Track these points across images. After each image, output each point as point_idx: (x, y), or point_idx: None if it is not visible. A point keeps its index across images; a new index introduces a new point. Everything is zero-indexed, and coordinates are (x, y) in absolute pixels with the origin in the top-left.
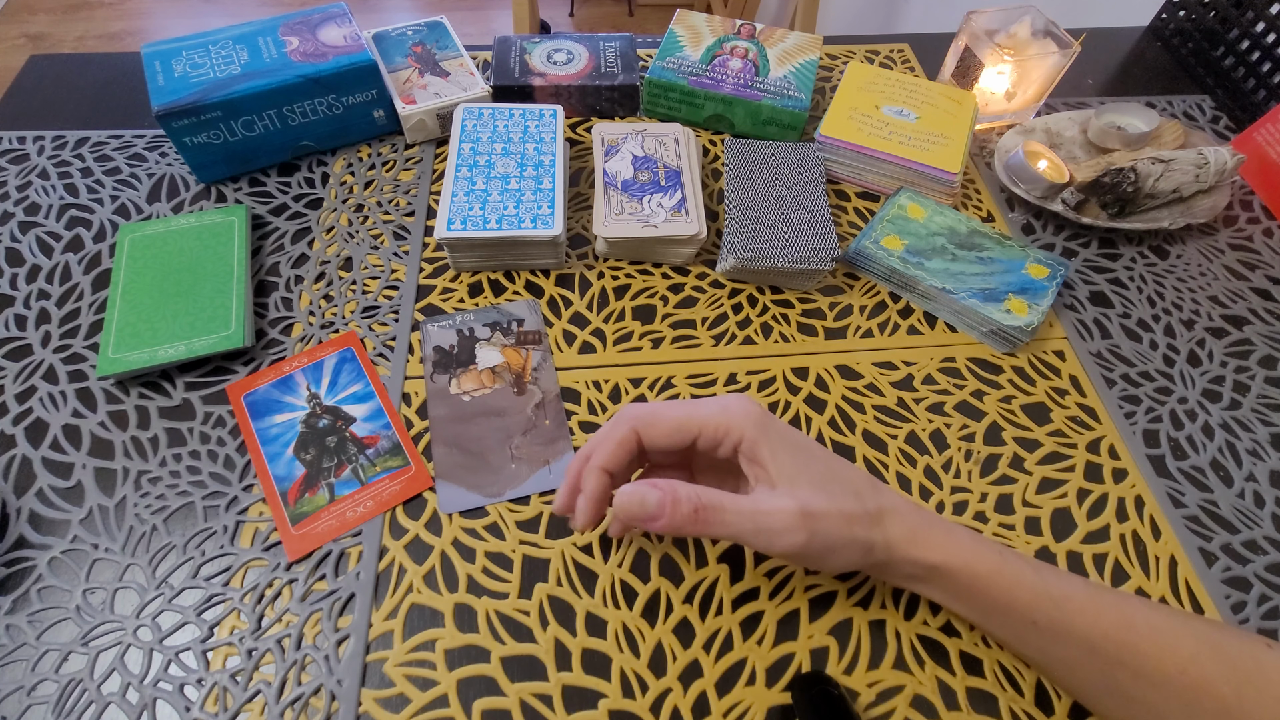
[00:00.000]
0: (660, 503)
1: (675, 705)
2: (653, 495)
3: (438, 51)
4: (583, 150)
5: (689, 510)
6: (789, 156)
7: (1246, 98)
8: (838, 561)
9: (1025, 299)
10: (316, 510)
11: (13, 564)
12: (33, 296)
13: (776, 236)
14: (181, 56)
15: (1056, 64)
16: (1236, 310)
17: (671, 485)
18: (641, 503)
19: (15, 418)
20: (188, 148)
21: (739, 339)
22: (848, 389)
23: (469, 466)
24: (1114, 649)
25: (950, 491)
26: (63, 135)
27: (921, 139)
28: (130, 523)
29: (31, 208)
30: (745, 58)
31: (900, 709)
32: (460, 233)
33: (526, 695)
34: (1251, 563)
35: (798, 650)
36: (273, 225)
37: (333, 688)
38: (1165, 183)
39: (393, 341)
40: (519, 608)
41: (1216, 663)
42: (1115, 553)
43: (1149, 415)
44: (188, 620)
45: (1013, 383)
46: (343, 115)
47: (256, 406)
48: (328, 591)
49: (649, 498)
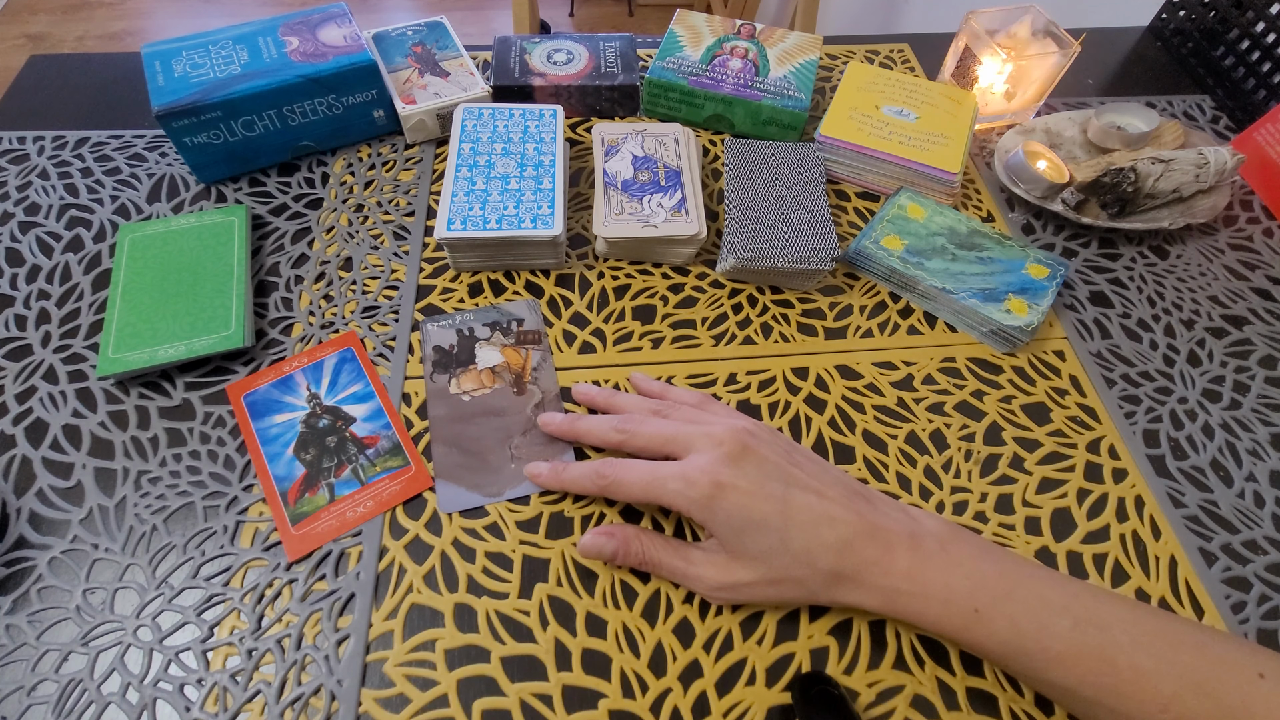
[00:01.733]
0: (615, 552)
1: (675, 705)
2: (609, 546)
3: (438, 51)
4: (583, 150)
5: (636, 562)
6: (789, 156)
7: (1246, 98)
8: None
9: (1025, 299)
10: (316, 510)
11: (13, 564)
12: (33, 296)
13: (776, 236)
14: (181, 57)
15: (1056, 64)
16: (1236, 310)
17: (626, 538)
18: (599, 550)
19: (15, 418)
20: (188, 148)
21: (739, 339)
22: (848, 389)
23: (469, 466)
24: (1091, 692)
25: (950, 491)
26: (63, 135)
27: (921, 139)
28: (130, 523)
29: (31, 208)
30: (745, 58)
31: (900, 709)
32: (460, 233)
33: (526, 695)
34: (1251, 563)
35: (798, 650)
36: (273, 225)
37: (333, 688)
38: (1165, 183)
39: (393, 341)
40: (519, 608)
41: (1199, 701)
42: (1115, 553)
43: (1149, 415)
44: (188, 620)
45: (1013, 383)
46: (343, 115)
47: (256, 406)
48: (328, 591)
49: (606, 547)
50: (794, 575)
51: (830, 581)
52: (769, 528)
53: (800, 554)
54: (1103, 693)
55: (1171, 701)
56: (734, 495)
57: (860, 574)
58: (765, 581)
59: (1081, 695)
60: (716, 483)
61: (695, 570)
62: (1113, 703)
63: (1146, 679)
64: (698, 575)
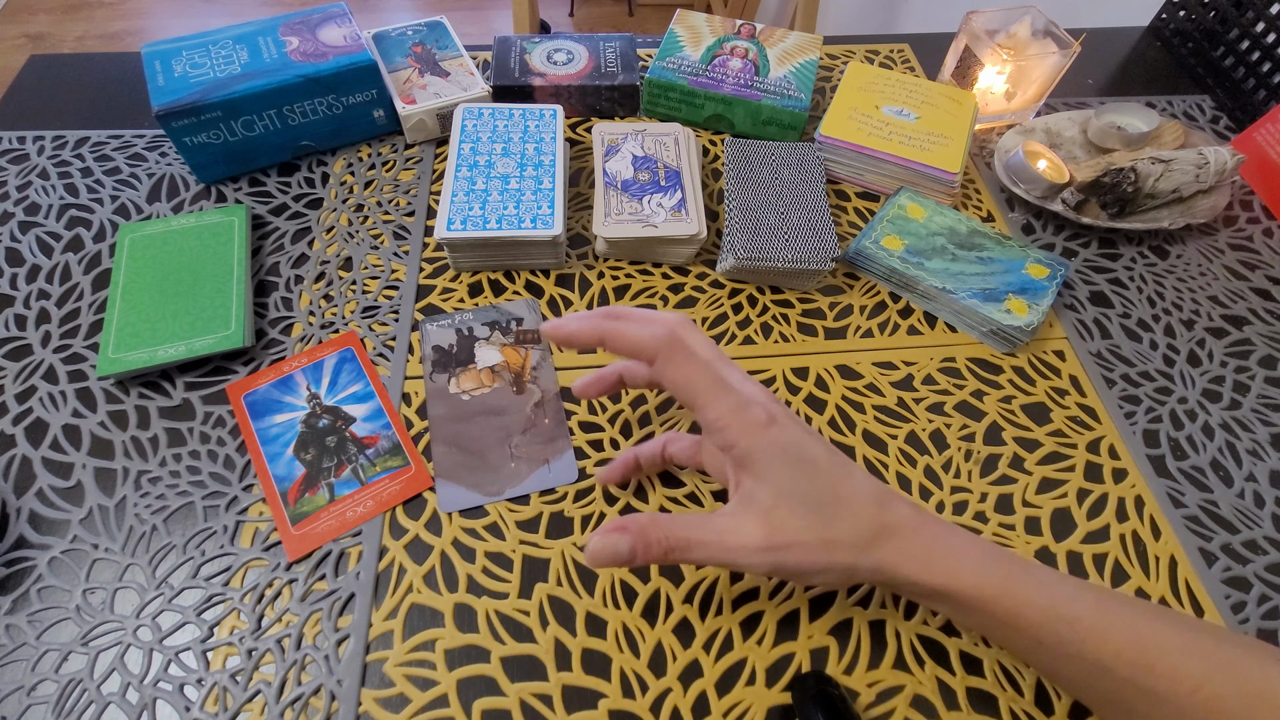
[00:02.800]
0: (632, 549)
1: (675, 705)
2: (624, 543)
3: (438, 51)
4: (583, 150)
5: (660, 552)
6: (789, 156)
7: (1246, 98)
8: (821, 581)
9: (1025, 299)
10: (316, 510)
11: (13, 564)
12: (33, 296)
13: (776, 236)
14: (181, 56)
15: (1056, 64)
16: (1236, 310)
17: (641, 527)
18: (614, 552)
19: (15, 418)
20: (188, 148)
21: (739, 339)
22: (848, 389)
23: (469, 465)
24: (1125, 669)
25: (950, 491)
26: (63, 135)
27: (921, 139)
28: (130, 523)
29: (31, 208)
30: (745, 58)
31: (900, 709)
32: (460, 233)
33: (526, 695)
34: (1251, 563)
35: (798, 650)
36: (273, 225)
37: (333, 688)
38: (1165, 183)
39: (393, 341)
40: (519, 608)
41: (1229, 682)
42: (1115, 553)
43: (1149, 415)
44: (188, 620)
45: (1013, 383)
46: (343, 115)
47: (256, 406)
48: (328, 591)
49: (620, 546)
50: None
51: (874, 539)
52: (819, 469)
53: (848, 500)
54: (1137, 670)
55: (1203, 682)
56: (790, 426)
57: (900, 528)
58: (819, 543)
59: (1116, 674)
60: (770, 413)
61: (733, 538)
62: (1147, 681)
63: (1174, 656)
64: (738, 543)
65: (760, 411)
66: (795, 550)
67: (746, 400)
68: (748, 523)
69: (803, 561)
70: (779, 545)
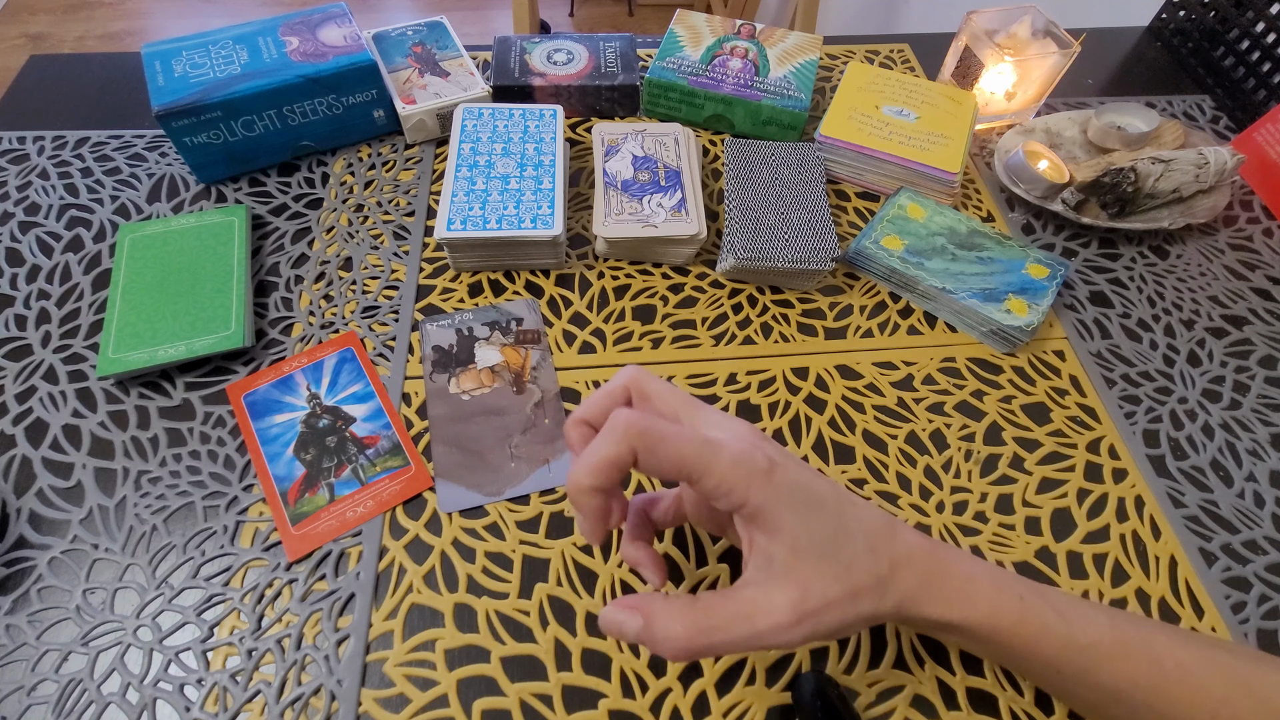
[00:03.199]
0: (638, 635)
1: (675, 705)
2: (632, 626)
3: (438, 51)
4: (583, 150)
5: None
6: (789, 156)
7: (1246, 98)
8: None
9: (1025, 299)
10: (316, 510)
11: (13, 564)
12: (33, 296)
13: (776, 236)
14: (181, 56)
15: (1056, 64)
16: (1236, 310)
17: (650, 610)
18: (620, 634)
19: (15, 418)
20: (188, 148)
21: (739, 339)
22: (848, 389)
23: (469, 465)
24: (1142, 695)
25: (950, 491)
26: (63, 135)
27: (921, 139)
28: (130, 523)
29: (31, 208)
30: (745, 58)
31: (900, 709)
32: (460, 233)
33: (526, 695)
34: (1251, 563)
35: (798, 650)
36: (273, 225)
37: (333, 688)
38: (1165, 183)
39: (393, 341)
40: (519, 608)
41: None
42: (1115, 553)
43: (1149, 415)
44: (188, 620)
45: (1013, 383)
46: (343, 115)
47: (256, 406)
48: (328, 591)
49: (628, 628)
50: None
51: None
52: (825, 504)
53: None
54: (1153, 695)
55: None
56: (788, 464)
57: (912, 559)
58: (845, 596)
59: (1132, 699)
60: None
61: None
62: (1164, 707)
63: (1194, 677)
64: (769, 624)
65: (759, 458)
66: (826, 613)
67: (739, 453)
68: (774, 592)
69: (834, 623)
70: (810, 613)
